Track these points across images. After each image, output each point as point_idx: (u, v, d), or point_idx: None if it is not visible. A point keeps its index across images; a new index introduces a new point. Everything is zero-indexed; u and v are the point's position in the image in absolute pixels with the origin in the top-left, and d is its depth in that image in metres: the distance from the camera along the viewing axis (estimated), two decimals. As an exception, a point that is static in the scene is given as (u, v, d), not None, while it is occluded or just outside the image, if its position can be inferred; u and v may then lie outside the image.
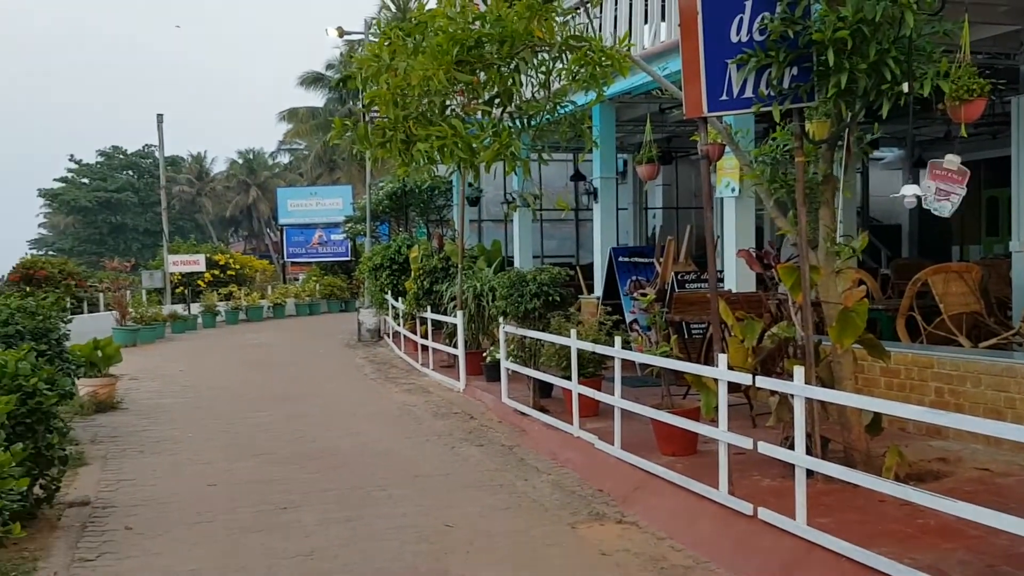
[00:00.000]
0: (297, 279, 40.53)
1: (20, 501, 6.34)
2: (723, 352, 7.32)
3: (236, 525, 7.75)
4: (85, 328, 18.62)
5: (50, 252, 63.41)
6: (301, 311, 33.84)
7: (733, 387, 7.37)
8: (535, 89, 7.59)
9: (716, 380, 7.23)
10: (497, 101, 7.39)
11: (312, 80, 50.84)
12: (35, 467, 7.35)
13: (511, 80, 7.16)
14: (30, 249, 70.01)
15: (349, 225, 29.34)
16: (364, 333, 23.34)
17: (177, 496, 8.78)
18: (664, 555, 6.73)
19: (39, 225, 74.51)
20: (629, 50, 7.49)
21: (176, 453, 10.75)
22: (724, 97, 6.96)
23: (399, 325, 19.19)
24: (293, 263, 41.39)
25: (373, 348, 21.65)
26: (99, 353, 13.66)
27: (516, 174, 7.36)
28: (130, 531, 7.65)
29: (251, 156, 71.00)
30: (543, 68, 7.48)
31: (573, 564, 6.65)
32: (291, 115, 52.69)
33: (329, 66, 50.52)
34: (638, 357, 9.05)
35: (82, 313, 25.18)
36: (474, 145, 7.09)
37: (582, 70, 7.02)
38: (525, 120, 7.68)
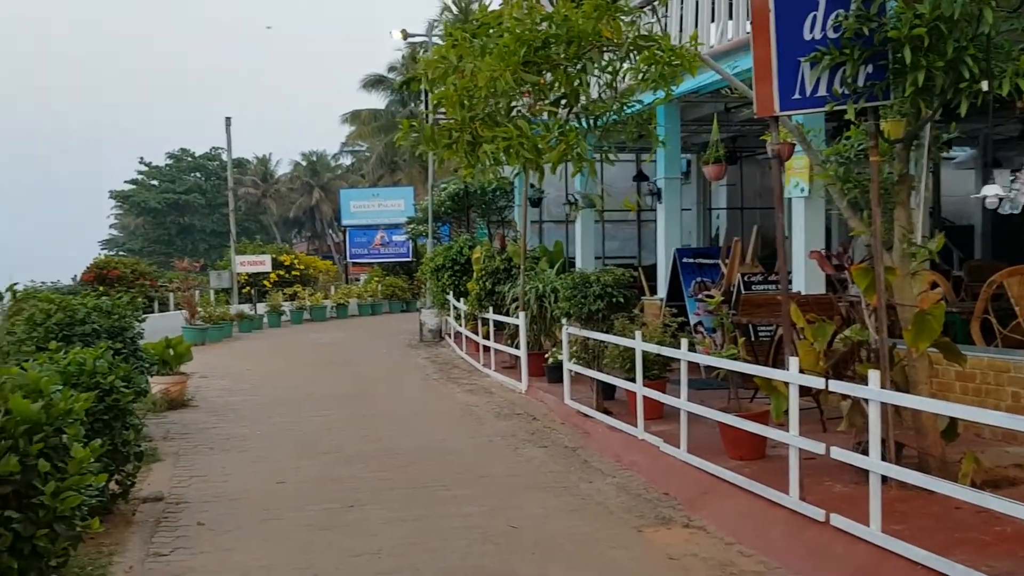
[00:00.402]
0: (359, 279, 40.95)
1: (98, 496, 6.49)
2: (793, 355, 7.20)
3: (304, 523, 7.85)
4: (156, 327, 19.02)
5: (120, 252, 65.05)
6: (363, 311, 34.18)
7: (803, 391, 7.25)
8: (601, 89, 7.55)
9: (787, 384, 7.12)
10: (563, 102, 7.37)
11: (374, 82, 51.38)
12: (111, 463, 7.51)
13: (578, 80, 7.14)
14: (101, 249, 72.00)
15: (411, 226, 29.57)
16: (426, 333, 23.48)
17: (247, 493, 8.92)
18: (733, 560, 6.65)
19: (110, 226, 76.60)
20: (698, 49, 7.40)
21: (245, 450, 10.93)
22: (796, 96, 6.85)
23: (460, 326, 19.26)
24: (355, 264, 41.84)
25: (435, 348, 21.77)
26: (171, 352, 13.98)
27: (582, 175, 7.33)
28: (202, 527, 7.80)
29: (314, 158, 72.00)
30: (610, 68, 7.44)
31: (640, 568, 6.60)
32: (353, 117, 53.31)
33: (391, 68, 51.01)
34: (705, 359, 8.95)
35: (153, 312, 25.76)
36: (540, 146, 7.08)
37: (650, 69, 6.97)
38: (591, 120, 7.65)
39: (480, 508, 8.10)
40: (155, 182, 70.80)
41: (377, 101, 53.23)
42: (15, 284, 10.63)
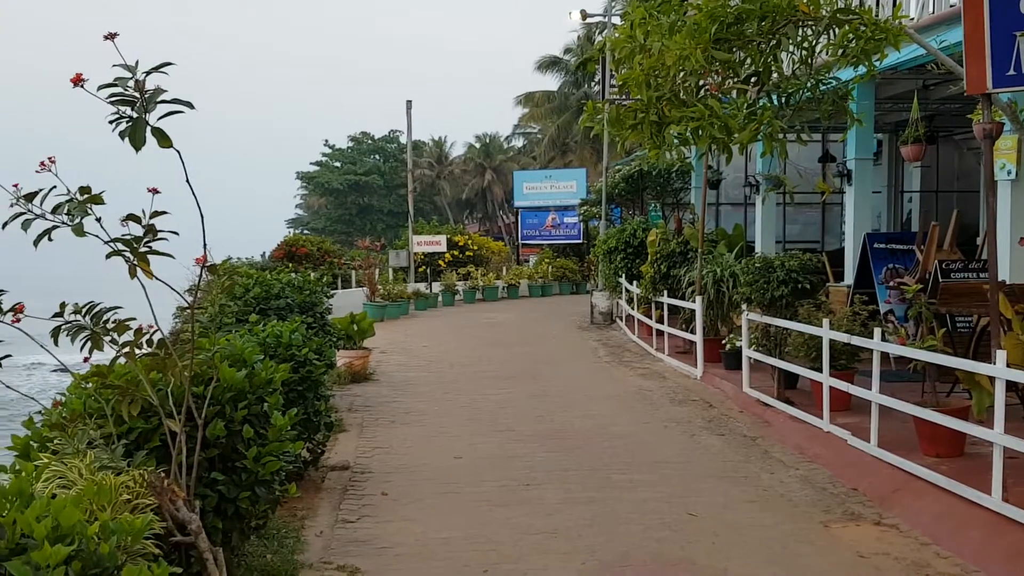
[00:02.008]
0: (528, 261, 41.31)
1: (293, 463, 6.83)
2: (999, 348, 6.71)
3: (482, 498, 7.99)
4: (339, 303, 19.83)
5: (304, 231, 68.17)
6: (533, 292, 34.47)
7: (1008, 387, 6.77)
8: (795, 66, 7.23)
9: (992, 378, 6.65)
10: (754, 79, 7.10)
11: (549, 64, 51.53)
12: (304, 431, 7.89)
13: (771, 57, 6.86)
14: (288, 228, 75.80)
15: (584, 208, 29.51)
16: (597, 316, 23.41)
17: (426, 466, 9.17)
18: (928, 561, 6.32)
19: (296, 206, 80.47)
20: (902, 23, 6.96)
21: (424, 425, 11.24)
22: (1011, 72, 6.38)
23: (633, 309, 19.09)
24: (526, 245, 42.19)
25: (606, 331, 21.69)
26: (355, 327, 14.55)
27: (772, 155, 7.05)
28: (386, 496, 8.08)
29: (487, 140, 73.02)
30: (805, 44, 7.10)
31: (827, 564, 6.36)
32: (527, 99, 53.70)
33: (567, 50, 51.01)
34: (901, 350, 8.47)
35: (337, 289, 26.87)
36: (729, 125, 6.85)
37: (851, 44, 6.60)
38: (782, 98, 7.34)
39: (656, 493, 8.01)
40: (338, 164, 73.76)
41: (551, 83, 53.43)
42: (228, 259, 11.30)
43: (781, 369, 10.77)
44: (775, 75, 7.10)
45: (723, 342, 13.78)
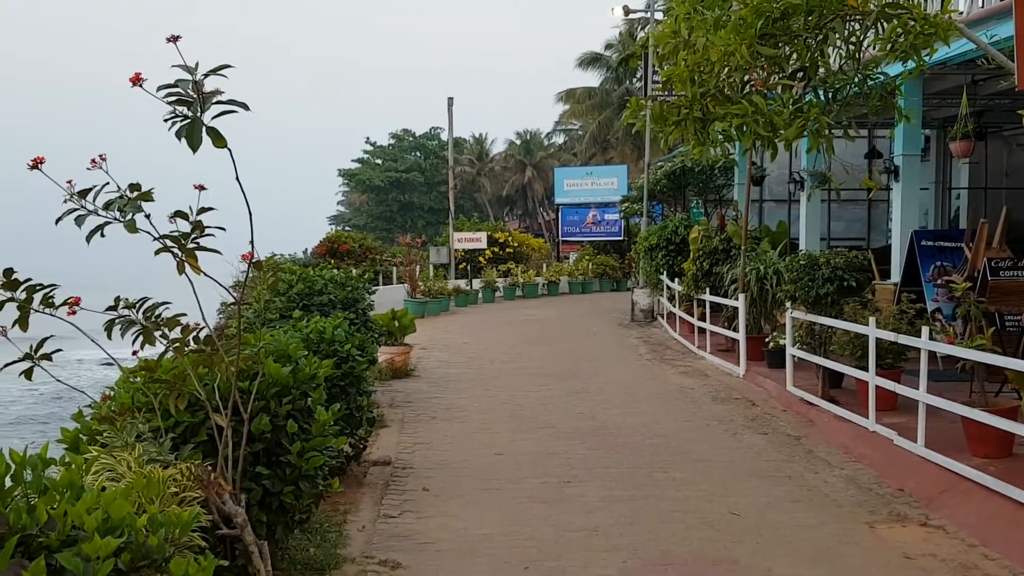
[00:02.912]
0: (568, 258, 41.22)
1: (336, 458, 6.88)
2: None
3: (523, 495, 7.99)
4: (380, 299, 19.89)
5: (346, 227, 68.65)
6: (574, 289, 34.38)
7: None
8: (842, 61, 7.12)
9: (1045, 379, 6.52)
10: (800, 75, 7.01)
11: (590, 60, 51.38)
12: (346, 426, 7.94)
13: (818, 52, 6.77)
14: (329, 224, 76.41)
15: (626, 205, 29.38)
16: (637, 313, 23.30)
17: (467, 462, 9.19)
18: (976, 563, 6.22)
19: (337, 203, 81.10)
20: (952, 17, 6.83)
21: (464, 421, 11.27)
22: (1066, 65, 6.21)
23: (674, 306, 18.98)
24: (565, 242, 42.08)
25: (647, 328, 21.58)
26: (396, 323, 14.62)
27: (819, 151, 6.95)
28: (427, 492, 8.11)
29: (528, 136, 73.00)
30: (852, 39, 7.00)
31: (873, 565, 6.28)
32: (568, 96, 53.58)
33: (608, 46, 50.82)
34: (949, 349, 8.33)
35: (379, 285, 27.04)
36: (774, 122, 6.77)
37: (900, 39, 6.49)
38: (829, 94, 7.24)
39: (698, 492, 7.95)
40: (379, 161, 74.17)
41: (592, 79, 53.28)
42: (273, 255, 11.42)
43: (826, 368, 10.64)
44: (822, 70, 7.00)
45: (766, 340, 13.65)
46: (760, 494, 7.87)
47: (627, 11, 28.45)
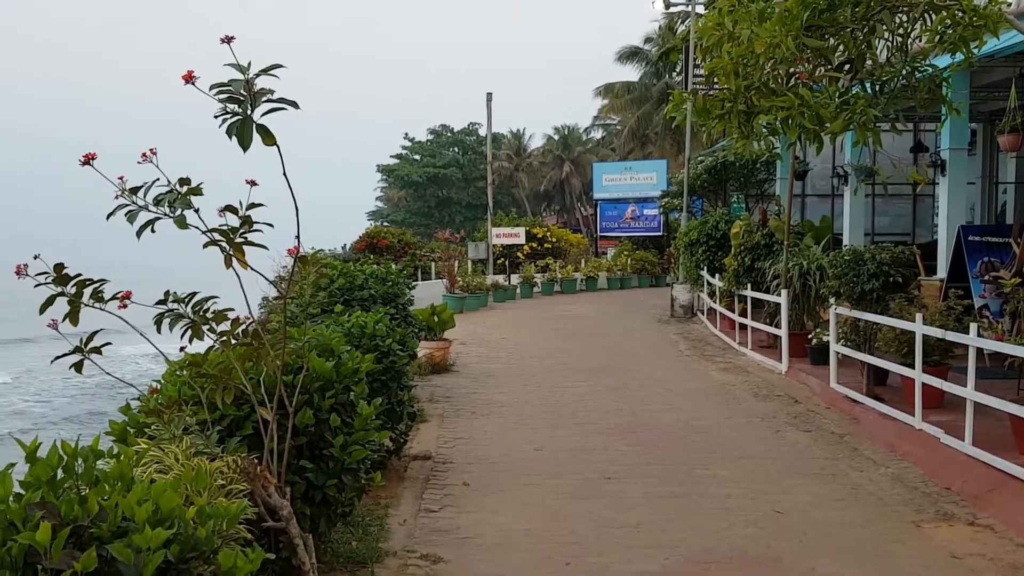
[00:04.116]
0: (606, 253, 41.10)
1: (377, 452, 6.91)
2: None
3: (563, 491, 7.97)
4: (419, 294, 19.98)
5: (384, 223, 69.01)
6: (612, 284, 34.29)
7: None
8: (890, 53, 7.00)
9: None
10: (847, 67, 6.90)
11: (629, 55, 51.08)
12: (388, 421, 7.97)
13: (865, 44, 6.66)
14: (368, 220, 76.84)
15: (665, 200, 29.20)
16: (677, 309, 23.17)
17: (507, 457, 9.19)
18: (1025, 564, 6.09)
19: (376, 198, 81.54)
20: (1001, 9, 6.69)
21: (503, 416, 11.27)
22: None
23: (714, 302, 18.84)
24: (604, 237, 41.94)
25: (686, 324, 21.45)
26: (436, 318, 14.65)
27: (866, 144, 6.84)
28: (467, 487, 8.12)
29: (566, 132, 72.84)
30: (900, 30, 6.88)
31: (919, 565, 6.18)
32: (607, 90, 53.34)
33: (647, 40, 50.50)
34: (998, 346, 8.16)
35: (418, 281, 27.15)
36: (821, 115, 6.67)
37: (949, 31, 6.37)
38: (876, 86, 7.12)
39: (741, 490, 7.88)
40: (417, 156, 74.42)
41: (631, 74, 52.99)
42: (319, 251, 11.48)
43: (871, 365, 10.49)
44: (869, 62, 6.89)
45: (809, 336, 13.50)
46: (804, 492, 7.79)
47: (667, 4, 28.25)
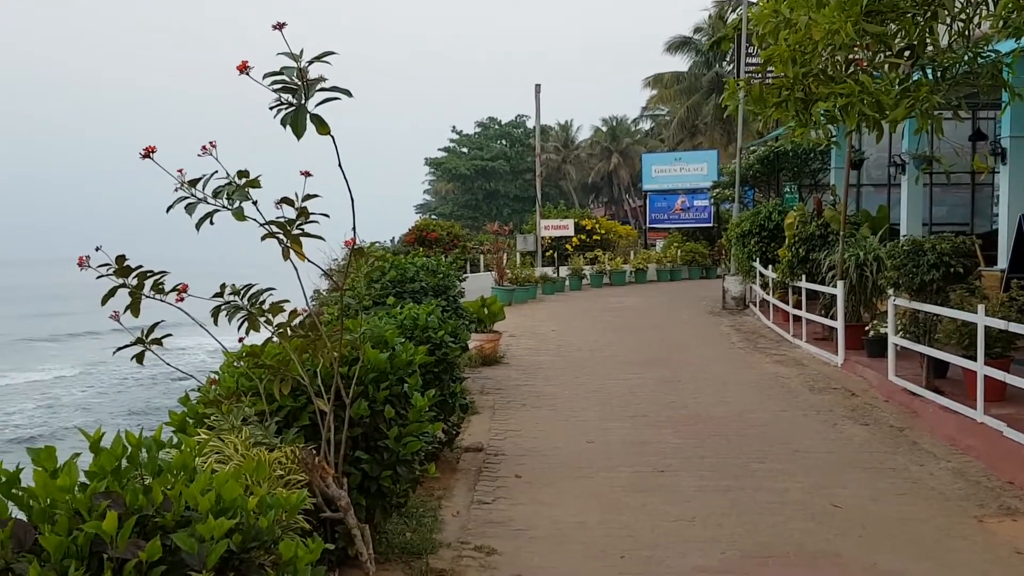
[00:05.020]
0: (655, 245, 40.81)
1: (431, 443, 6.93)
2: None
3: (616, 483, 7.93)
4: (468, 287, 19.98)
5: (432, 216, 69.27)
6: (662, 276, 34.05)
7: None
8: (952, 38, 6.81)
9: None
10: (907, 53, 6.73)
11: (679, 45, 50.61)
12: (440, 413, 7.99)
13: (926, 29, 6.49)
14: (416, 212, 77.24)
15: (717, 191, 28.88)
16: (728, 301, 22.93)
17: (558, 450, 9.17)
18: (1094, 562, 5.92)
19: (424, 191, 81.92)
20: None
21: (554, 408, 11.24)
22: None
23: (767, 294, 18.61)
24: (653, 229, 41.62)
25: (738, 316, 21.22)
26: (486, 310, 14.68)
27: (928, 131, 6.67)
28: (519, 479, 8.11)
29: (614, 123, 72.46)
30: (963, 15, 6.69)
31: (982, 560, 6.04)
32: (656, 81, 52.88)
33: (697, 29, 49.99)
34: (1064, 339, 7.95)
35: (467, 273, 27.22)
36: (881, 101, 6.51)
37: (1012, 15, 6.17)
38: (938, 73, 6.93)
39: (797, 484, 7.77)
40: (464, 149, 74.56)
41: (680, 64, 52.49)
42: (374, 243, 11.54)
43: (930, 357, 10.27)
44: (930, 48, 6.70)
45: (866, 328, 13.26)
46: (862, 486, 7.66)
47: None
